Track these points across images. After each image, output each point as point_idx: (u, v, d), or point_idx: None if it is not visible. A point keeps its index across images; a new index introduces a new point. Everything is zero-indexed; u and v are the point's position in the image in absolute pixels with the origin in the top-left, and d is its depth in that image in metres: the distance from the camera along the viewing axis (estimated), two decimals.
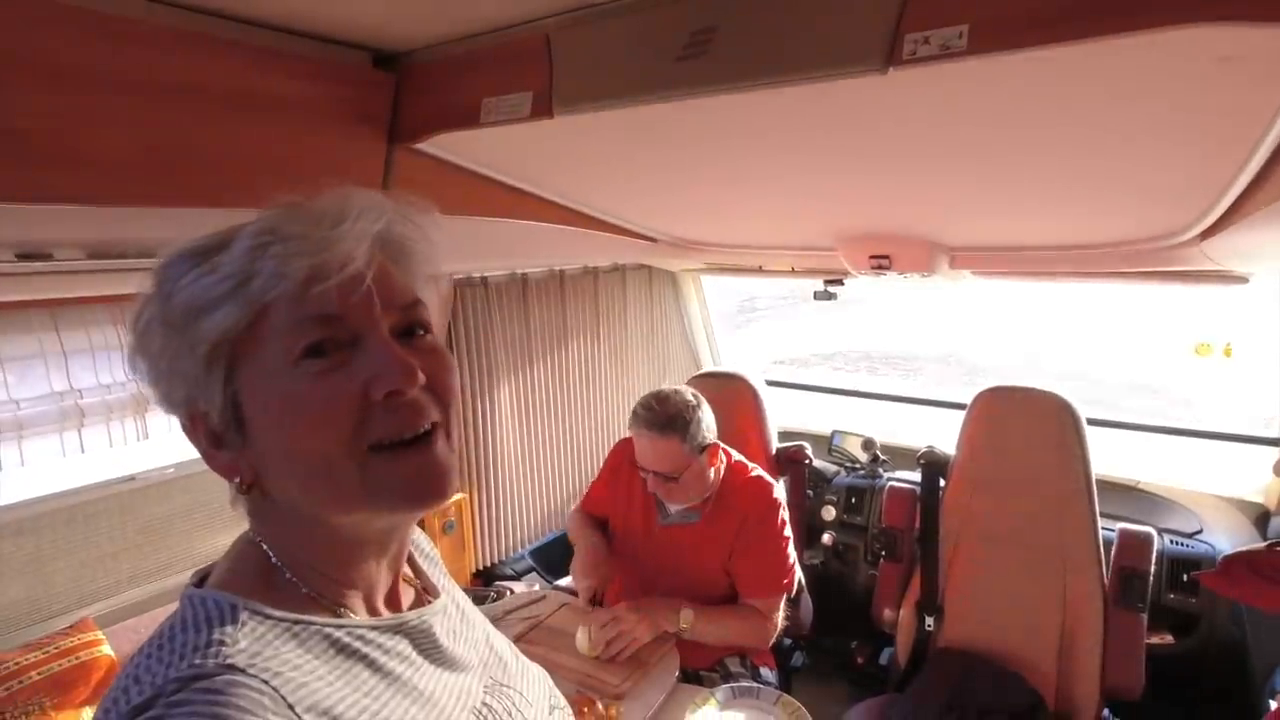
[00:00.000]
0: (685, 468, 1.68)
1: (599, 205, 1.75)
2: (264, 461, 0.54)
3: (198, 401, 0.53)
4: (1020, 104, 0.89)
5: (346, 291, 0.52)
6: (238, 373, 0.52)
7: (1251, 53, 0.65)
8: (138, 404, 1.56)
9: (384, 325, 0.54)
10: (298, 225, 0.52)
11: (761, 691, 1.51)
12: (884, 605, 2.07)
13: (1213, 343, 2.38)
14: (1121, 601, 1.76)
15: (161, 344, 0.52)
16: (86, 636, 1.43)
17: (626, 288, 2.87)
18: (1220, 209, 1.19)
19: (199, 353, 0.51)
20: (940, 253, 1.79)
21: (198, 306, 0.50)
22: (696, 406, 1.71)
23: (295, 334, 0.51)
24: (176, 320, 0.51)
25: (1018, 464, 1.91)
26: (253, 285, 0.50)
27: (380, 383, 0.52)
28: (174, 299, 0.51)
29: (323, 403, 0.51)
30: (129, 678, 0.47)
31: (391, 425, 0.53)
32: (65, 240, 1.08)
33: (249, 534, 0.58)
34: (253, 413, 0.52)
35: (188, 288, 0.51)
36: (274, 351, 0.51)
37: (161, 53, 0.88)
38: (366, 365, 0.52)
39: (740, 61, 0.82)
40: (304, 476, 0.53)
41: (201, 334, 0.50)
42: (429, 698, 0.57)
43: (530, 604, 1.84)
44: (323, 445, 0.51)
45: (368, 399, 0.52)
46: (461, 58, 1.06)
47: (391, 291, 0.55)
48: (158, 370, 0.53)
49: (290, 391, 0.51)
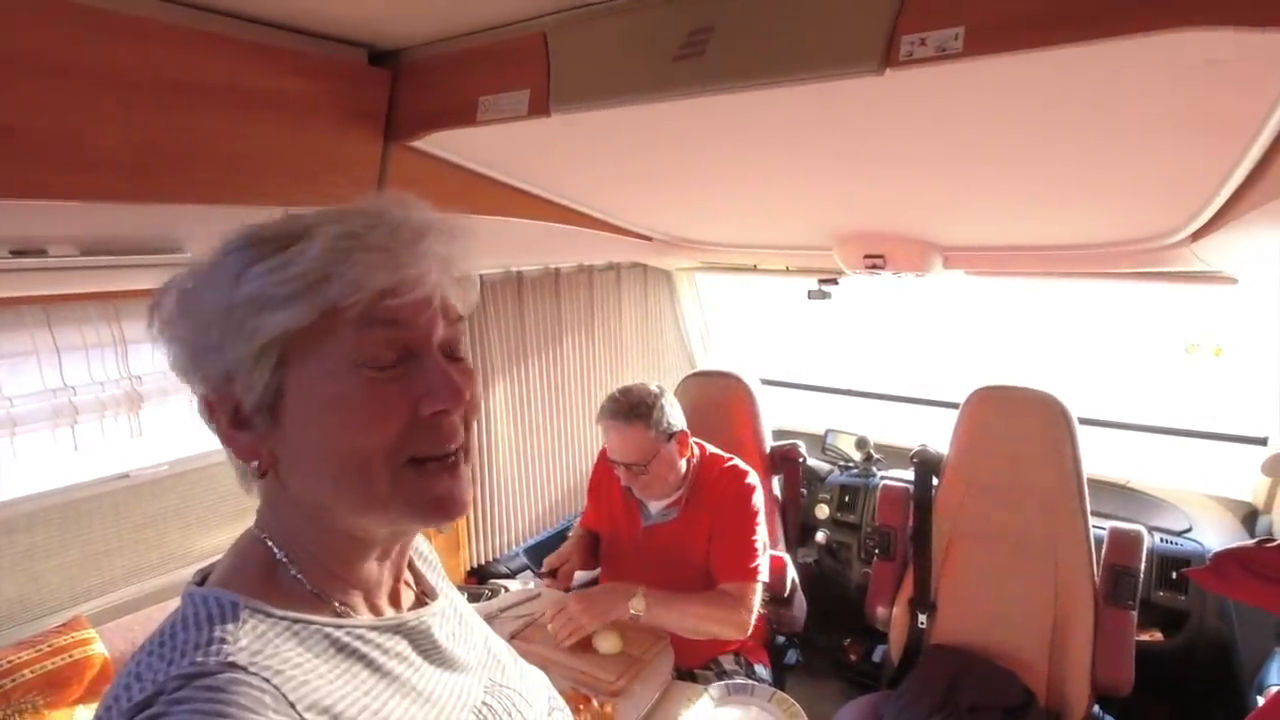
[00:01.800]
0: (653, 455, 1.71)
1: (595, 204, 1.75)
2: (291, 450, 0.54)
3: (235, 382, 0.53)
4: (1014, 106, 0.90)
5: (417, 310, 0.54)
6: (289, 365, 0.52)
7: (1239, 56, 0.66)
8: (131, 401, 1.56)
9: (439, 343, 0.56)
10: (380, 237, 0.53)
11: (756, 688, 1.52)
12: (877, 603, 2.08)
13: (1202, 343, 2.40)
14: (1112, 599, 1.78)
15: (218, 326, 0.52)
16: (79, 635, 1.42)
17: (622, 286, 2.87)
18: (1211, 211, 1.20)
19: (255, 342, 0.51)
20: (934, 252, 1.80)
21: (266, 299, 0.50)
22: (660, 395, 1.76)
23: (361, 340, 0.52)
24: (240, 307, 0.51)
25: (1010, 462, 1.92)
26: (331, 287, 0.50)
27: (432, 400, 0.54)
28: (242, 287, 0.51)
29: (376, 409, 0.53)
30: (130, 675, 0.47)
31: (431, 442, 0.55)
32: (59, 236, 1.08)
33: (254, 530, 0.58)
34: (296, 404, 0.53)
35: (259, 278, 0.51)
36: (336, 352, 0.52)
37: (157, 49, 0.87)
38: (422, 381, 0.54)
39: (737, 61, 0.83)
40: (336, 473, 0.54)
41: (263, 326, 0.50)
42: (428, 697, 0.58)
43: (525, 602, 1.85)
44: (366, 449, 0.53)
45: (416, 414, 0.54)
46: (458, 55, 1.06)
47: (448, 308, 0.57)
48: (196, 347, 0.53)
49: (345, 393, 0.52)
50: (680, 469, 1.79)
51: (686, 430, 1.80)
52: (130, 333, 1.51)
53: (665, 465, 1.74)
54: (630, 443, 1.71)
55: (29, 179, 0.83)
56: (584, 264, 2.67)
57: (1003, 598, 1.88)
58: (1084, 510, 1.83)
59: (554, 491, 2.69)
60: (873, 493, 2.44)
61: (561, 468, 2.71)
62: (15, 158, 0.81)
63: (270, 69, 0.99)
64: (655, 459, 1.72)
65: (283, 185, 1.07)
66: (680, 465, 1.78)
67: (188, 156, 0.97)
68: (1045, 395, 1.90)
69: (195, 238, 1.17)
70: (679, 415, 1.78)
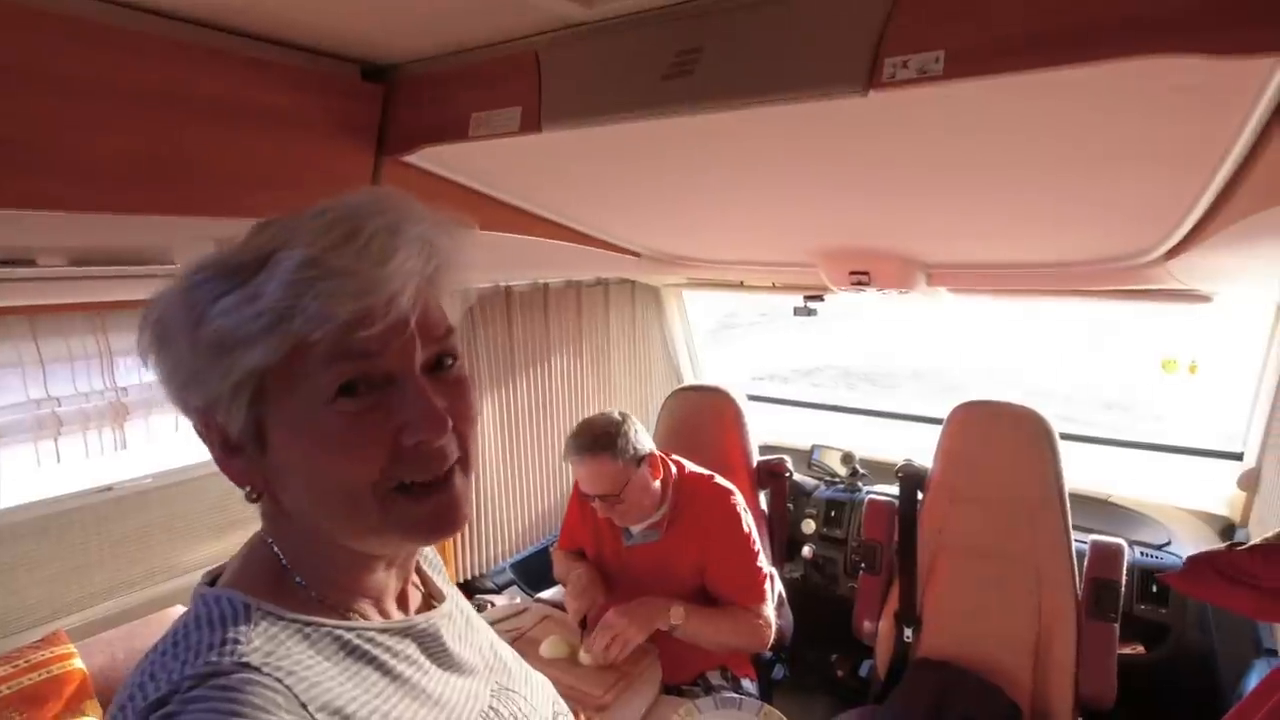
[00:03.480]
0: (624, 483, 1.69)
1: (584, 220, 1.77)
2: (281, 479, 0.54)
3: (216, 413, 0.52)
4: (994, 127, 0.92)
5: (390, 336, 0.51)
6: (266, 400, 0.51)
7: (1203, 83, 0.69)
8: (116, 413, 1.54)
9: (419, 364, 0.54)
10: (344, 258, 0.49)
11: (744, 702, 1.52)
12: (864, 617, 2.09)
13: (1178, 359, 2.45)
14: (1094, 612, 1.79)
15: (189, 361, 0.51)
16: (59, 649, 1.40)
17: (610, 302, 2.89)
18: (1184, 230, 1.23)
19: (229, 380, 0.50)
20: (918, 269, 1.83)
21: (234, 339, 0.48)
22: (622, 422, 1.73)
23: (331, 372, 0.50)
24: (210, 345, 0.49)
25: (993, 477, 1.94)
26: (294, 322, 0.48)
27: (413, 431, 0.52)
28: (207, 324, 0.49)
29: (355, 444, 0.51)
30: (144, 674, 0.47)
31: (418, 469, 0.53)
32: (47, 247, 1.08)
33: (262, 534, 0.58)
34: (279, 439, 0.52)
35: (223, 316, 0.48)
36: (308, 388, 0.50)
37: (149, 61, 0.88)
38: (401, 411, 0.52)
39: (725, 81, 0.85)
40: (324, 504, 0.54)
41: (234, 365, 0.49)
42: (437, 700, 0.58)
43: (512, 616, 1.84)
44: (350, 482, 0.52)
45: (398, 443, 0.52)
46: (451, 72, 1.08)
47: (429, 325, 0.55)
48: (178, 379, 0.52)
49: (322, 429, 0.51)
50: (656, 491, 1.77)
51: (656, 452, 1.78)
52: (116, 344, 1.50)
53: (639, 491, 1.72)
54: (600, 475, 1.68)
55: (19, 188, 0.83)
56: (572, 280, 2.69)
57: (987, 611, 1.89)
58: (1066, 524, 1.86)
59: (541, 506, 2.68)
60: (858, 508, 2.45)
61: (549, 482, 2.70)
62: (5, 166, 0.81)
63: (263, 83, 1.00)
64: (628, 486, 1.69)
65: (274, 198, 1.07)
66: (655, 487, 1.76)
67: (179, 168, 0.97)
68: (1027, 410, 1.93)
69: (185, 249, 1.17)
70: (645, 438, 1.76)
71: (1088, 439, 2.51)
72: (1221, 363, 2.76)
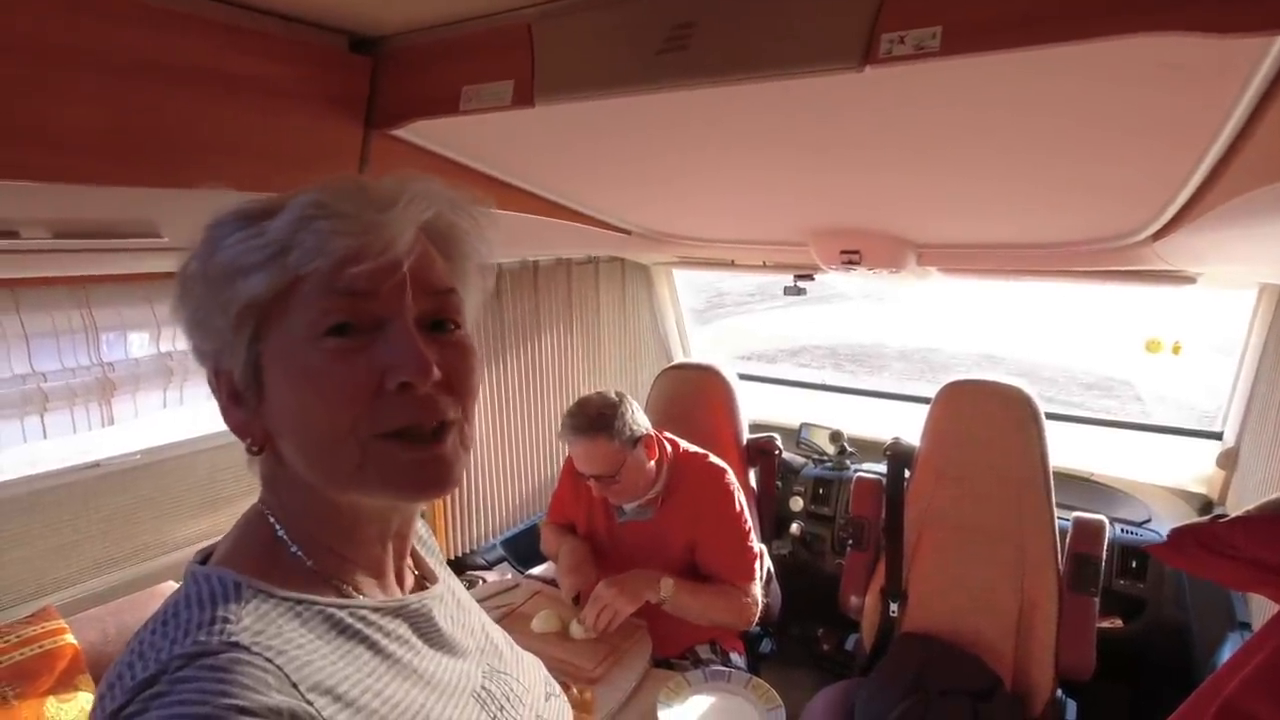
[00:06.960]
0: (620, 464, 1.70)
1: (575, 196, 1.76)
2: (276, 425, 0.55)
3: (223, 357, 0.54)
4: (986, 106, 0.92)
5: (381, 275, 0.52)
6: (263, 337, 0.53)
7: (1193, 61, 0.69)
8: (103, 389, 1.53)
9: (411, 313, 0.54)
10: (348, 204, 0.52)
11: (732, 675, 1.55)
12: (850, 593, 2.12)
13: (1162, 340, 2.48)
14: (1075, 586, 1.83)
15: (199, 297, 0.54)
16: (49, 625, 1.40)
17: (599, 280, 2.88)
18: (1172, 211, 1.24)
19: (230, 312, 0.52)
20: (908, 249, 1.84)
21: (235, 268, 0.51)
22: (619, 403, 1.73)
23: (322, 309, 0.51)
24: (215, 277, 0.52)
25: (979, 455, 1.97)
26: (290, 256, 0.50)
27: (396, 373, 0.52)
28: (216, 257, 0.52)
29: (338, 382, 0.51)
30: (133, 653, 0.47)
31: (401, 417, 0.53)
32: (31, 219, 1.06)
33: (258, 505, 0.58)
34: (272, 378, 0.53)
35: (230, 248, 0.52)
36: (299, 323, 0.52)
37: (131, 28, 0.86)
38: (386, 352, 0.52)
39: (719, 56, 0.84)
40: (308, 447, 0.54)
41: (235, 295, 0.51)
42: (429, 680, 0.58)
43: (503, 592, 1.86)
44: (331, 423, 0.52)
45: (382, 386, 0.52)
46: (441, 44, 1.06)
47: (428, 277, 0.55)
48: (194, 320, 0.55)
49: (309, 365, 0.52)
50: (651, 471, 1.78)
51: (652, 432, 1.79)
52: (102, 319, 1.48)
53: (635, 471, 1.73)
54: (596, 456, 1.69)
55: (1, 158, 0.82)
56: (562, 257, 2.67)
57: (971, 586, 1.92)
58: (1050, 501, 1.89)
59: (531, 483, 2.69)
60: (846, 485, 2.48)
61: (539, 459, 2.71)
62: None
63: (248, 52, 0.98)
64: (624, 467, 1.71)
65: (260, 170, 1.05)
66: (650, 467, 1.77)
67: (163, 139, 0.95)
68: (1014, 389, 1.95)
69: (171, 222, 1.15)
70: (642, 419, 1.77)
71: (1072, 419, 2.56)
72: (1204, 343, 2.80)
